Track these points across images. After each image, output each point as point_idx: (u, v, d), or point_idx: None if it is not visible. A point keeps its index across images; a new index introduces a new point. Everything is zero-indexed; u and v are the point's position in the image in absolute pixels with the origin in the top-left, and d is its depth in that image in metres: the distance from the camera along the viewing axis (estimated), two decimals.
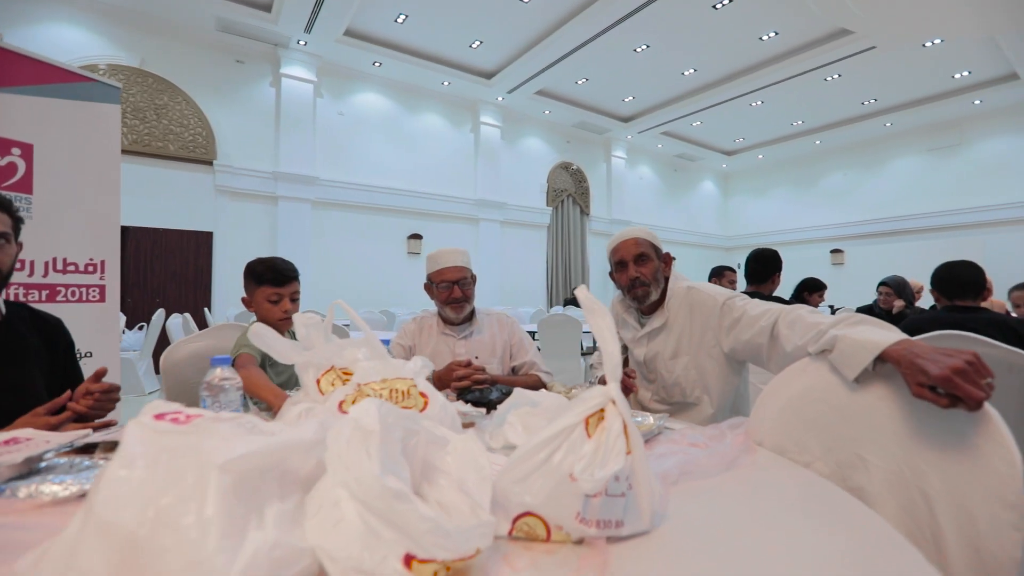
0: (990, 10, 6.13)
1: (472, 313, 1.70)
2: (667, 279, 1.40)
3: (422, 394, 0.77)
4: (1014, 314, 3.06)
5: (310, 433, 0.55)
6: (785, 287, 2.84)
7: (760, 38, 7.51)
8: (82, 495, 0.68)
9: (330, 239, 7.98)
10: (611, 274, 1.47)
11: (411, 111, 8.98)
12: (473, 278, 1.68)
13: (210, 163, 6.93)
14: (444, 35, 7.53)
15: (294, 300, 1.55)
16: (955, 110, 9.50)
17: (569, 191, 11.39)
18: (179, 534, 0.39)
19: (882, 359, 0.82)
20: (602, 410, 0.61)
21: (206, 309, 6.28)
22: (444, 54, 8.12)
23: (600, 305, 0.67)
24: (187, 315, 3.55)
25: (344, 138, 8.22)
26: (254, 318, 1.54)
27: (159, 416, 0.52)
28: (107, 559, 0.39)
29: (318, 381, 0.86)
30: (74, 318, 1.90)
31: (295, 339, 1.59)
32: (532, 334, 5.49)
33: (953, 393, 0.70)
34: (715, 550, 0.57)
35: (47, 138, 1.92)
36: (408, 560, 0.43)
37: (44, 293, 1.91)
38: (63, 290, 1.97)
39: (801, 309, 1.07)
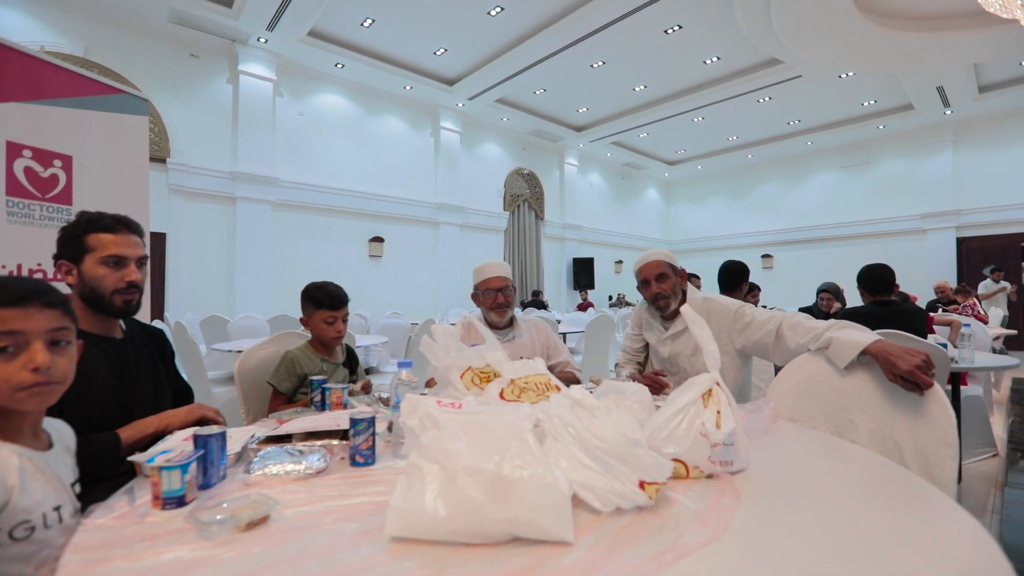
0: (890, 52, 7.15)
1: (512, 318, 1.95)
2: (684, 291, 1.73)
3: (556, 386, 1.03)
4: None
5: (530, 410, 0.80)
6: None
7: (704, 62, 8.22)
8: (319, 472, 0.88)
9: (291, 241, 7.82)
10: (638, 288, 1.78)
11: (372, 113, 8.96)
12: (513, 288, 1.93)
13: (163, 161, 6.62)
14: (409, 41, 7.62)
15: (344, 320, 1.75)
16: (863, 133, 10.82)
17: (525, 196, 11.76)
18: (528, 470, 0.63)
19: (864, 353, 1.17)
20: (711, 390, 0.90)
21: (166, 315, 6.01)
22: (408, 59, 8.20)
23: (700, 318, 0.96)
24: (179, 322, 3.48)
25: (304, 139, 8.08)
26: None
27: (439, 403, 0.76)
28: (483, 487, 0.62)
29: (461, 377, 1.09)
30: None
31: (346, 352, 1.76)
32: None
33: (913, 380, 1.07)
34: (787, 477, 0.88)
35: (83, 149, 1.95)
36: (641, 484, 0.70)
37: None
38: None
39: (799, 316, 1.42)
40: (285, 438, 1.02)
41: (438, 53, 7.98)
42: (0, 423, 0.76)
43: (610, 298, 13.07)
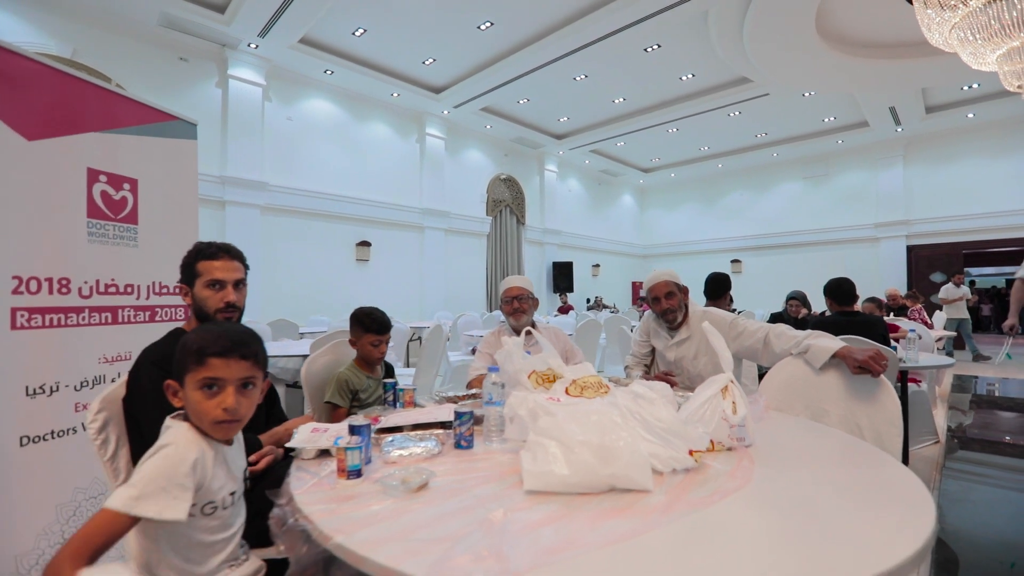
0: (848, 75, 7.79)
1: (533, 325, 2.24)
2: (687, 305, 2.06)
3: (607, 385, 1.32)
4: None
5: (605, 401, 1.09)
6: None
7: (680, 78, 8.70)
8: (437, 453, 1.14)
9: (279, 245, 7.88)
10: (648, 303, 2.09)
11: (359, 119, 9.08)
12: (533, 300, 2.23)
13: None
14: (399, 51, 7.80)
15: (388, 343, 1.99)
16: (824, 147, 11.59)
17: (507, 201, 12.04)
18: (621, 441, 0.93)
19: (834, 356, 1.51)
20: (727, 386, 1.22)
21: None
22: (397, 68, 8.37)
23: (717, 332, 1.28)
24: None
25: (293, 144, 8.15)
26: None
27: (547, 398, 1.04)
28: (592, 453, 0.91)
29: (528, 377, 1.37)
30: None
31: (384, 369, 2.00)
32: None
33: (867, 368, 1.41)
34: (782, 449, 1.20)
35: (146, 173, 2.13)
36: (691, 452, 1.00)
37: (147, 314, 2.12)
38: (160, 311, 2.18)
39: (782, 326, 1.76)
40: (395, 429, 1.28)
41: (427, 63, 8.19)
42: None
43: (588, 301, 13.50)
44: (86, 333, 1.88)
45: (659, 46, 7.52)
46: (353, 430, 1.07)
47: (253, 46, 7.20)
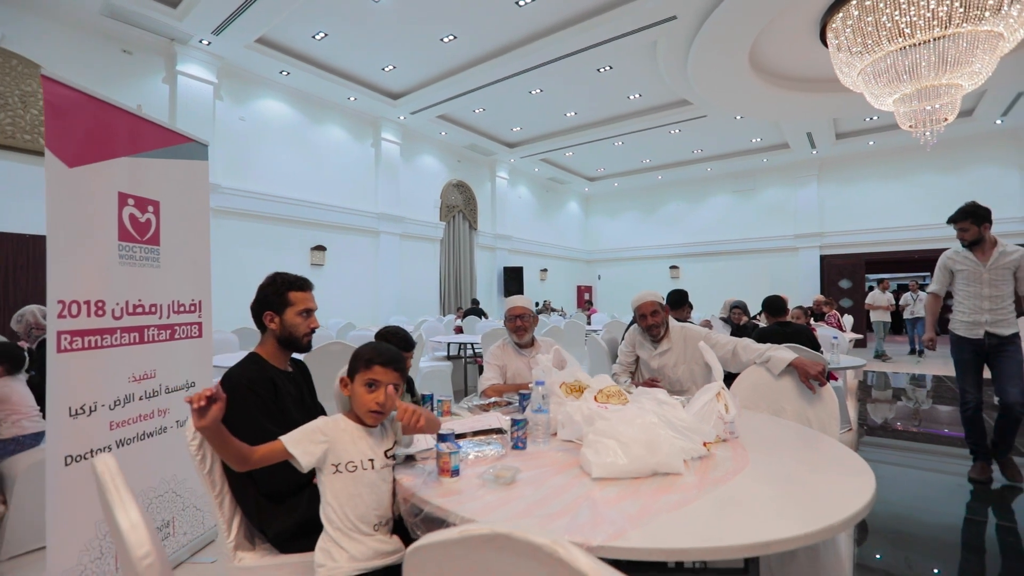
0: (773, 103, 8.74)
1: (533, 339, 2.53)
2: (667, 321, 2.42)
3: (624, 394, 1.64)
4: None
5: (635, 407, 1.40)
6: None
7: (628, 97, 9.33)
8: (505, 454, 1.40)
9: (231, 249, 7.61)
10: (635, 319, 2.44)
11: (314, 122, 8.93)
12: (534, 317, 2.51)
13: None
14: (360, 57, 7.80)
15: (410, 359, 2.20)
16: (751, 164, 12.77)
17: (459, 207, 12.23)
18: (661, 438, 1.24)
19: (790, 366, 1.92)
20: (720, 392, 1.57)
21: None
22: (355, 72, 8.35)
23: (712, 351, 1.62)
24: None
25: (245, 145, 7.90)
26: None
27: (597, 406, 1.34)
28: (643, 447, 1.21)
29: (559, 387, 1.65)
30: (181, 353, 2.24)
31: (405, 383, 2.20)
32: (474, 345, 6.24)
33: (816, 381, 1.83)
34: (760, 438, 1.57)
35: (166, 194, 2.19)
36: (705, 444, 1.33)
37: (168, 333, 2.17)
38: (178, 329, 2.24)
39: (747, 340, 2.17)
40: (460, 436, 1.52)
41: (386, 69, 8.23)
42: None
43: (536, 305, 13.96)
44: (118, 353, 1.94)
45: (611, 68, 8.06)
46: (443, 438, 1.30)
47: (205, 43, 6.94)
